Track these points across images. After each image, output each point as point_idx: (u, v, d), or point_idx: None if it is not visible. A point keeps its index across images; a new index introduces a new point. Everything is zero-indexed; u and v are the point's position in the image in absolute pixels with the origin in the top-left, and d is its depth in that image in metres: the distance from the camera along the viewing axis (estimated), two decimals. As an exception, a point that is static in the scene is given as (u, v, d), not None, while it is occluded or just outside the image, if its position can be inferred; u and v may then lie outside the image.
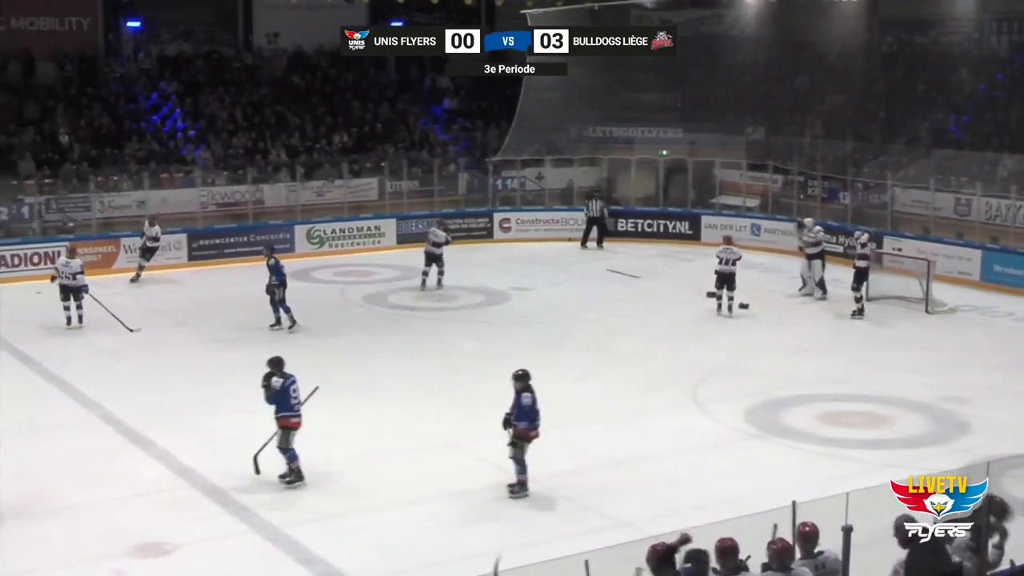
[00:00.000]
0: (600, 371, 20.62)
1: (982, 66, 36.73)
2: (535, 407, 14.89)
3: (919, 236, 29.85)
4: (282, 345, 22.27)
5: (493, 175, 35.95)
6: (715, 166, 35.72)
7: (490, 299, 26.65)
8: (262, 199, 33.30)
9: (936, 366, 20.99)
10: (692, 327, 24.22)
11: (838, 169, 33.96)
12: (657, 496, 14.61)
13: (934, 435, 17.33)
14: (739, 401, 18.66)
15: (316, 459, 15.98)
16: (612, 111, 39.11)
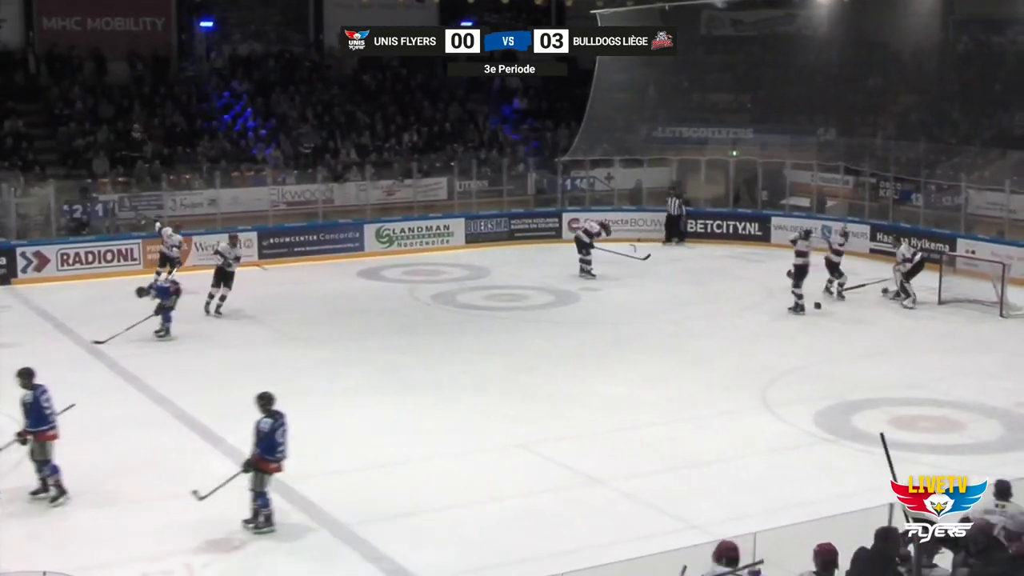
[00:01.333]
0: (669, 372, 20.53)
1: (1059, 66, 36.17)
2: (274, 436, 13.66)
3: (994, 239, 29.48)
4: (354, 345, 22.43)
5: (562, 175, 35.95)
6: (786, 167, 35.48)
7: (559, 299, 26.63)
8: (332, 198, 33.51)
9: (1011, 371, 20.69)
10: (762, 329, 24.06)
11: (911, 171, 33.58)
12: (727, 499, 14.52)
13: (1009, 441, 17.07)
14: (809, 404, 18.50)
15: (387, 457, 16.08)
16: (682, 111, 39.01)
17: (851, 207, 34.04)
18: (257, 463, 13.62)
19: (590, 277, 28.56)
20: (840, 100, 37.85)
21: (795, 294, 25.20)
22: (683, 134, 38.32)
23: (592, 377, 20.13)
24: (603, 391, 19.26)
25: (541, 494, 14.87)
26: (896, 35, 38.81)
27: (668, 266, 30.27)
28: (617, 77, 37.56)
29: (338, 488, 14.97)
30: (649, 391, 19.29)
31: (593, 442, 16.83)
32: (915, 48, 38.79)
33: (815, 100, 37.99)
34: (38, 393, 14.16)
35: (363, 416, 18.05)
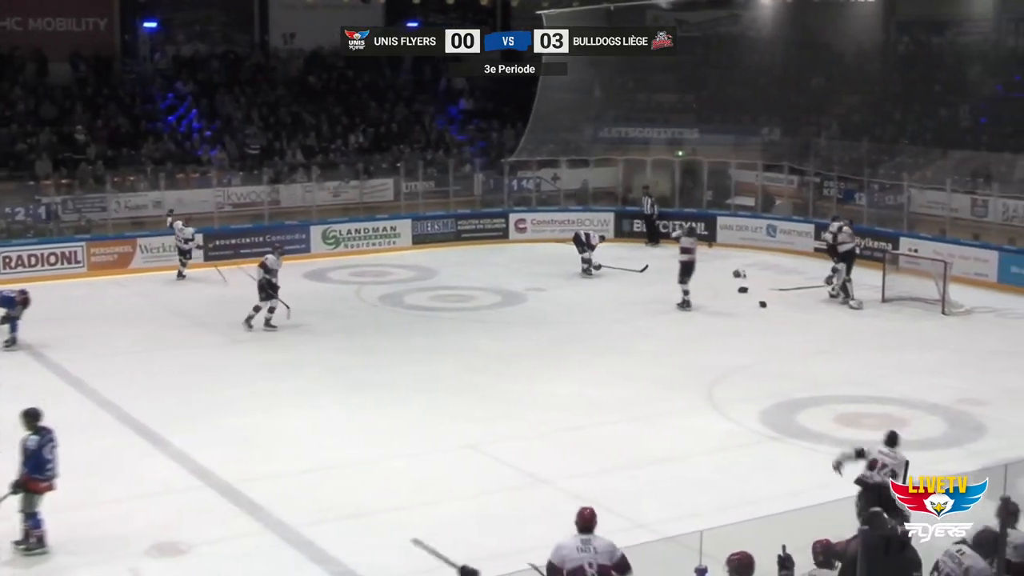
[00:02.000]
0: (616, 372, 20.60)
1: (999, 67, 36.61)
2: (42, 453, 12.87)
3: (936, 237, 29.82)
4: (302, 347, 22.36)
5: (509, 176, 36.01)
6: (730, 167, 35.72)
7: (506, 300, 26.66)
8: (278, 199, 33.37)
9: (953, 368, 20.92)
10: (708, 328, 24.20)
11: (854, 170, 33.91)
12: (674, 498, 14.59)
13: (951, 437, 17.28)
14: (756, 403, 18.63)
15: (335, 459, 16.04)
16: (628, 112, 39.16)
17: (795, 206, 34.34)
18: (26, 483, 12.85)
19: (589, 276, 28.77)
20: (784, 100, 38.12)
21: (683, 290, 25.57)
22: (629, 134, 38.48)
23: (540, 377, 20.17)
24: (551, 391, 19.31)
25: (490, 494, 14.89)
26: (839, 36, 39.15)
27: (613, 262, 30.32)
28: (562, 78, 37.52)
29: (286, 490, 14.92)
30: (597, 391, 19.34)
31: (541, 442, 16.87)
32: (858, 49, 39.15)
33: (759, 100, 38.25)
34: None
35: (310, 418, 18.01)
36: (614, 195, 36.69)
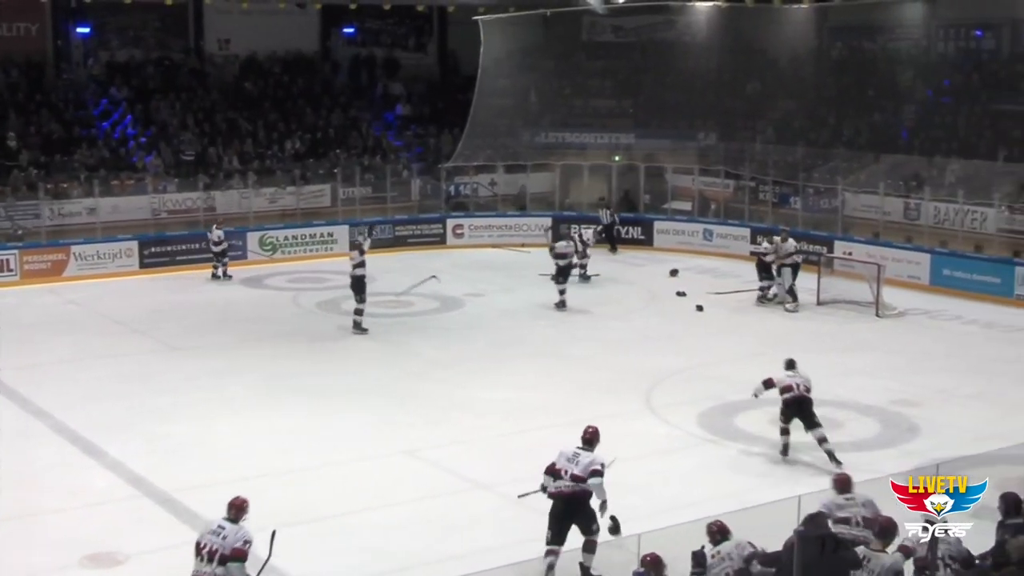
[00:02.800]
0: (554, 377, 20.66)
1: (930, 72, 37.10)
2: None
3: (869, 240, 30.19)
4: (238, 354, 22.25)
5: (446, 181, 36.00)
6: (667, 171, 35.92)
7: (444, 305, 26.64)
8: (214, 206, 33.13)
9: (886, 369, 21.17)
10: (645, 332, 24.33)
11: (789, 174, 34.22)
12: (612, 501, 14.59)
13: (885, 438, 17.50)
14: (693, 406, 18.76)
15: (274, 466, 15.96)
16: (565, 117, 39.25)
17: (731, 210, 34.60)
18: None
19: (585, 281, 28.76)
20: (720, 105, 38.39)
21: (559, 291, 25.97)
22: (566, 139, 38.59)
23: (479, 382, 20.20)
24: (489, 396, 19.35)
25: (429, 500, 14.90)
26: (773, 42, 39.50)
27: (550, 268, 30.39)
28: (500, 83, 37.73)
29: (224, 498, 14.74)
30: (535, 395, 19.40)
31: (481, 447, 16.91)
32: (792, 54, 39.51)
33: (695, 105, 38.47)
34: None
35: (249, 425, 17.91)
36: (551, 200, 36.71)
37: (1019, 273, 26.99)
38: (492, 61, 36.81)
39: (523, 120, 38.88)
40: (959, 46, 37.74)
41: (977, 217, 29.76)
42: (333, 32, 42.23)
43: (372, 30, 42.93)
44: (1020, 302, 26.61)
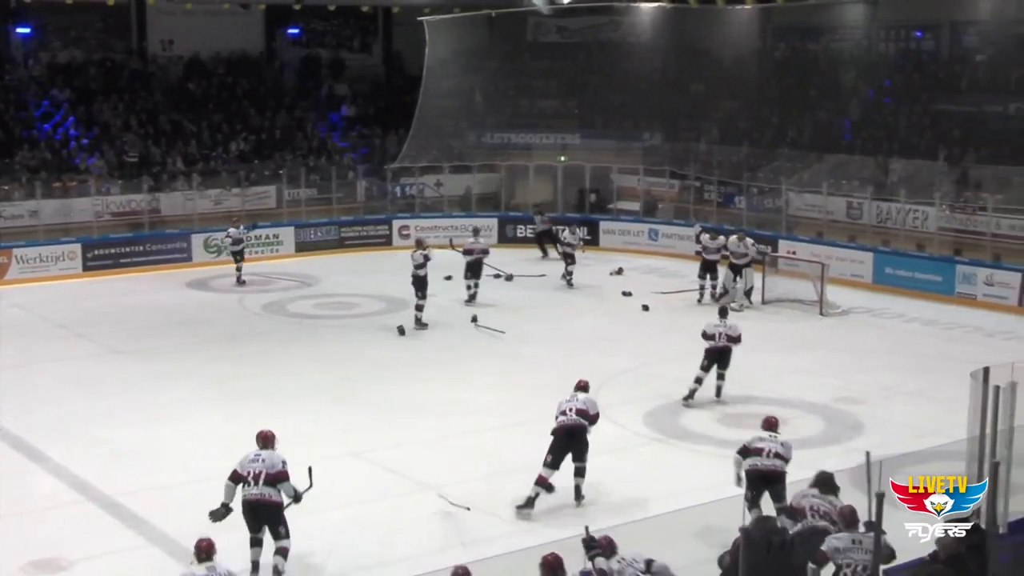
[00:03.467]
0: (501, 377, 20.66)
1: (872, 72, 37.45)
2: None
3: (813, 239, 30.41)
4: (183, 357, 22.09)
5: (392, 182, 35.93)
6: (613, 172, 36.02)
7: (390, 306, 26.56)
8: (158, 208, 32.90)
9: (831, 367, 21.34)
10: (592, 332, 24.37)
11: (734, 174, 34.43)
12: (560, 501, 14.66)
13: (829, 435, 17.62)
14: (639, 405, 18.81)
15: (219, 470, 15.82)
16: (510, 117, 39.30)
17: (677, 210, 34.77)
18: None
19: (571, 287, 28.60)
20: (665, 105, 38.54)
21: (416, 305, 25.58)
22: (511, 140, 38.63)
23: (424, 383, 20.16)
24: (435, 397, 19.31)
25: (375, 502, 14.85)
26: (717, 42, 39.75)
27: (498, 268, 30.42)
28: (445, 83, 37.70)
29: (169, 502, 14.73)
30: (481, 396, 19.39)
31: (426, 448, 16.86)
32: (736, 55, 39.76)
33: (640, 106, 38.62)
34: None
35: (192, 428, 17.78)
36: (497, 201, 36.74)
37: (960, 271, 27.30)
38: (437, 62, 36.80)
39: (468, 121, 38.90)
40: (900, 47, 38.16)
41: (919, 216, 30.09)
42: (278, 33, 42.09)
43: (317, 31, 42.83)
44: (961, 300, 26.93)
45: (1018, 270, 26.56)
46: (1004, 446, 11.11)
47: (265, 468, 12.44)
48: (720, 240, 27.11)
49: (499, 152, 37.97)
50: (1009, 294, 26.37)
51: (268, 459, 12.53)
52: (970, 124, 33.71)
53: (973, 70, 35.49)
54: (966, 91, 34.75)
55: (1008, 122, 33.28)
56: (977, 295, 26.86)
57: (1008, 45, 34.51)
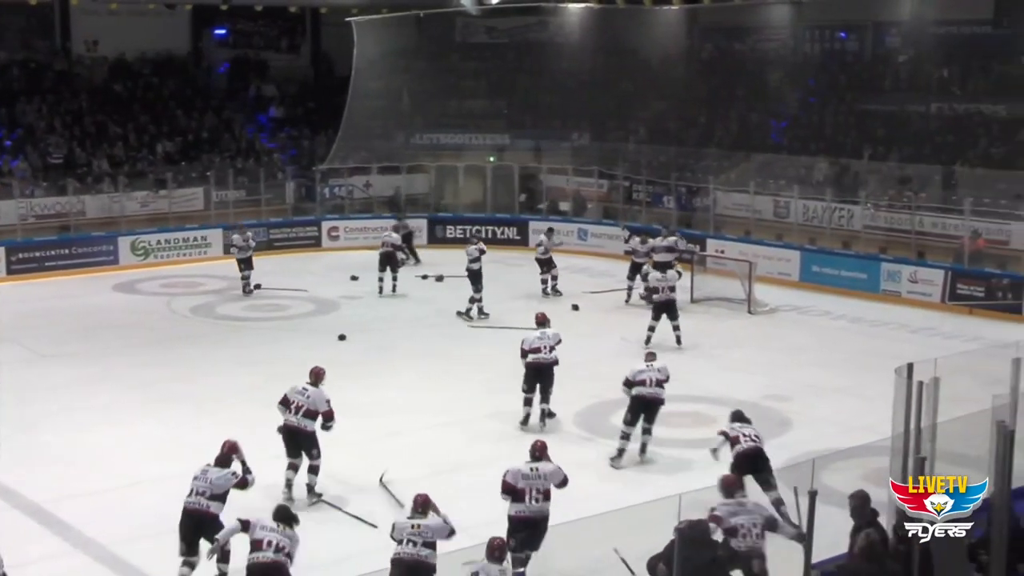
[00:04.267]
0: (433, 378, 20.65)
1: (797, 73, 37.81)
2: None
3: (741, 238, 30.67)
4: (111, 362, 21.86)
5: (320, 183, 35.75)
6: (542, 172, 36.09)
7: (320, 308, 26.47)
8: (84, 210, 32.52)
9: (759, 365, 21.54)
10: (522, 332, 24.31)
11: (662, 174, 34.60)
12: (489, 502, 14.64)
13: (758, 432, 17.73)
14: (570, 404, 18.85)
15: (147, 474, 15.70)
16: (439, 118, 39.24)
17: (606, 210, 34.92)
18: None
19: (556, 294, 28.12)
20: (593, 105, 38.68)
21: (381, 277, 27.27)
22: (441, 140, 38.60)
23: (356, 385, 20.02)
24: (368, 398, 19.23)
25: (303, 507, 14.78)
26: (645, 43, 39.94)
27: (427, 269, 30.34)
28: (373, 84, 37.58)
29: (97, 508, 14.58)
30: (413, 397, 19.39)
31: (359, 449, 16.79)
32: (663, 55, 39.96)
33: (569, 106, 38.73)
34: None
35: (121, 434, 17.62)
36: (427, 202, 36.67)
37: (885, 269, 27.67)
38: (366, 62, 36.67)
39: (397, 121, 38.83)
40: (824, 47, 38.61)
41: (844, 214, 30.44)
42: (204, 33, 41.75)
43: (244, 31, 42.54)
44: (886, 297, 27.29)
45: (941, 267, 26.99)
46: (929, 441, 11.27)
47: (307, 404, 14.81)
48: (650, 243, 27.19)
49: (429, 153, 37.93)
50: (933, 291, 26.77)
51: (313, 396, 14.89)
52: (893, 123, 34.17)
53: (895, 70, 36.02)
54: (889, 91, 35.25)
55: (929, 121, 33.79)
56: (902, 292, 27.24)
57: (928, 46, 35.06)
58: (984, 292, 26.02)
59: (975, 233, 27.49)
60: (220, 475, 12.69)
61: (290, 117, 40.67)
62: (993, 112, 32.80)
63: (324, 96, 40.75)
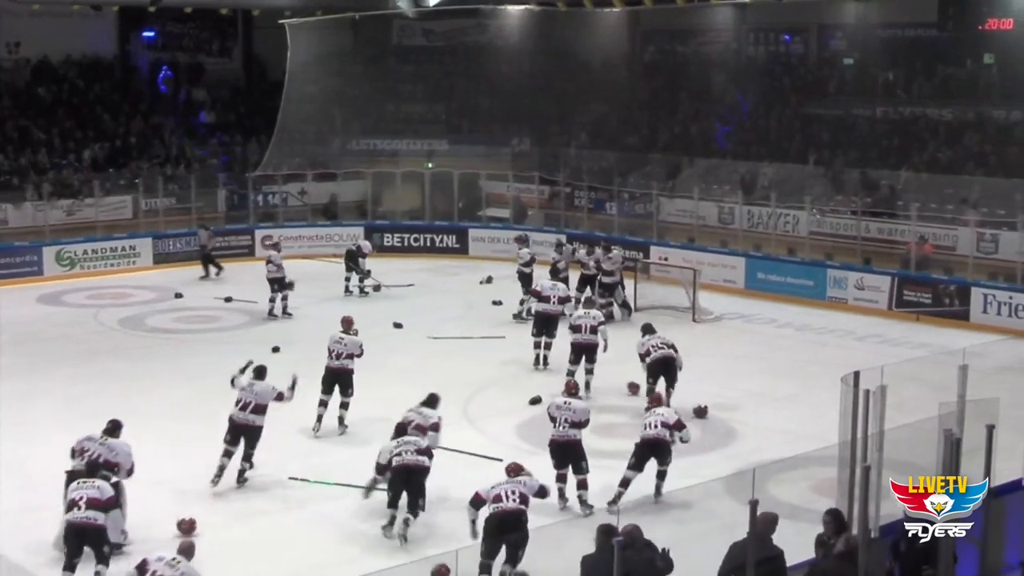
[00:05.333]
0: (371, 388, 20.51)
1: (741, 76, 38.12)
2: None
3: (684, 245, 30.81)
4: (37, 376, 21.61)
5: (254, 191, 35.52)
6: (481, 178, 36.09)
7: (253, 320, 26.34)
8: (6, 219, 32.17)
9: (704, 374, 21.54)
10: (461, 342, 24.38)
11: (604, 179, 34.71)
12: (428, 517, 14.63)
13: (705, 443, 17.84)
14: (511, 416, 18.89)
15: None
16: (376, 123, 39.19)
17: (547, 217, 34.98)
18: None
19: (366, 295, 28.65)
20: (533, 110, 38.77)
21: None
22: (377, 146, 38.55)
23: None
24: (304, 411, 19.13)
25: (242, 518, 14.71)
26: (586, 45, 40.12)
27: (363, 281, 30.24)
28: (308, 88, 37.46)
29: (15, 527, 14.43)
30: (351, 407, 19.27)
31: (293, 464, 16.72)
32: (605, 58, 40.16)
33: (508, 110, 38.81)
34: None
35: (47, 451, 17.37)
36: (364, 209, 36.55)
37: (831, 275, 27.95)
38: (299, 66, 36.53)
39: (333, 127, 38.73)
40: (769, 50, 38.93)
41: (790, 220, 30.70)
42: (132, 36, 41.41)
43: (174, 34, 42.26)
44: (832, 304, 27.56)
45: (888, 273, 27.27)
46: (875, 449, 11.40)
47: (346, 350, 18.44)
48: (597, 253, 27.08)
49: (365, 159, 37.83)
50: (879, 297, 27.06)
51: (349, 343, 18.58)
52: (839, 127, 34.52)
53: (840, 73, 36.38)
54: (834, 94, 35.62)
55: (875, 125, 34.16)
56: (848, 299, 27.52)
57: (873, 49, 35.49)
58: (931, 298, 26.33)
59: (922, 239, 27.82)
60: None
61: (222, 122, 40.46)
62: (938, 116, 33.22)
63: (257, 101, 40.61)
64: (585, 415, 15.40)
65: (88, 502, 12.67)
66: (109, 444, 14.24)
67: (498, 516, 12.64)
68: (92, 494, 12.70)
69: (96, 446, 14.17)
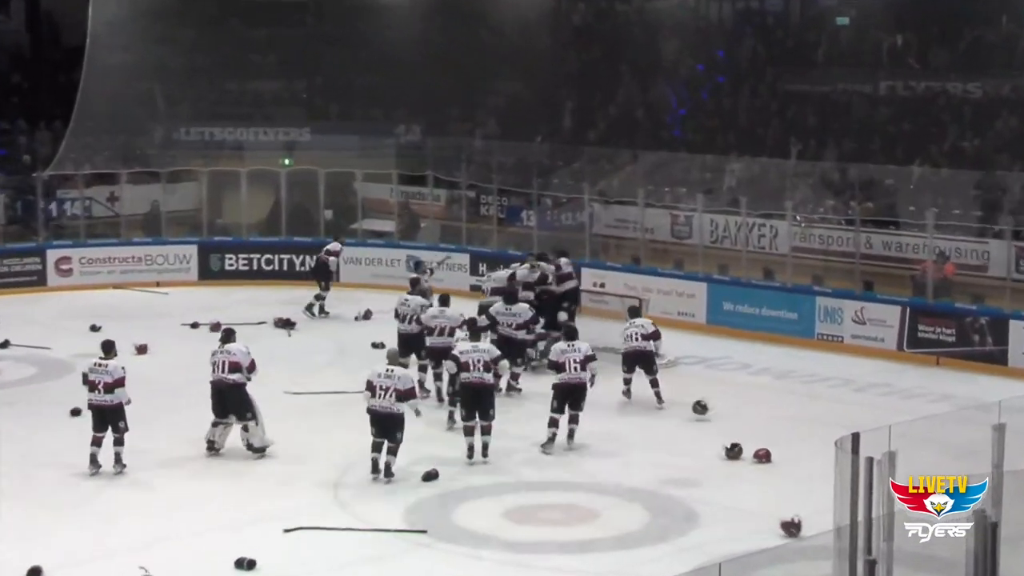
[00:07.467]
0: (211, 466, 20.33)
1: (701, 42, 38.31)
2: None
3: (627, 267, 30.80)
4: None
5: (45, 197, 35.04)
6: (356, 179, 35.81)
7: (44, 372, 25.98)
8: None
9: (654, 440, 21.56)
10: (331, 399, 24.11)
11: (520, 180, 34.59)
12: None
13: (655, 530, 17.79)
14: (398, 497, 18.73)
15: None
16: (213, 105, 39.00)
17: (445, 230, 34.78)
18: None
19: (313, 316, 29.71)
20: (426, 88, 38.71)
21: None
22: (216, 136, 38.36)
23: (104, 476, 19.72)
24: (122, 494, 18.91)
25: None
26: (497, 6, 40.16)
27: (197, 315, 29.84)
28: (119, 58, 37.13)
29: None
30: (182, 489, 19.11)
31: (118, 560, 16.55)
32: (521, 22, 40.24)
33: (393, 89, 38.78)
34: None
35: None
36: (197, 221, 36.21)
37: (821, 305, 28.05)
38: (106, 27, 36.28)
39: (154, 110, 38.44)
40: (737, 8, 39.22)
41: (766, 232, 30.81)
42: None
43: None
44: (823, 343, 27.70)
45: (897, 302, 27.39)
46: (882, 537, 11.36)
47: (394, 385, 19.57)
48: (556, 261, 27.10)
49: (199, 153, 37.60)
50: (886, 334, 27.22)
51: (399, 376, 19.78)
52: (829, 110, 34.76)
53: (832, 38, 36.65)
54: (823, 65, 35.87)
55: (877, 106, 34.37)
56: (844, 336, 27.71)
57: (875, 5, 35.75)
58: (954, 335, 26.54)
59: (941, 256, 28.00)
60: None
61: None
62: (963, 93, 33.48)
63: (47, 74, 40.18)
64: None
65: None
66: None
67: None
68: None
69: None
